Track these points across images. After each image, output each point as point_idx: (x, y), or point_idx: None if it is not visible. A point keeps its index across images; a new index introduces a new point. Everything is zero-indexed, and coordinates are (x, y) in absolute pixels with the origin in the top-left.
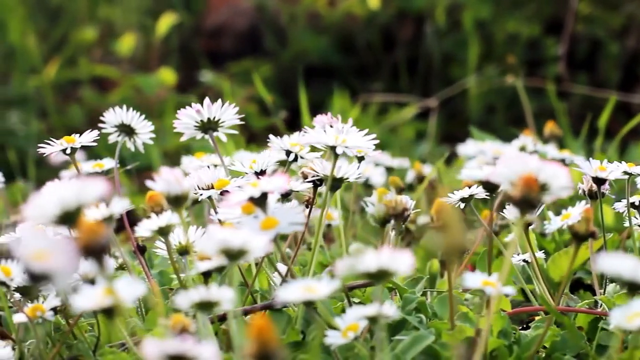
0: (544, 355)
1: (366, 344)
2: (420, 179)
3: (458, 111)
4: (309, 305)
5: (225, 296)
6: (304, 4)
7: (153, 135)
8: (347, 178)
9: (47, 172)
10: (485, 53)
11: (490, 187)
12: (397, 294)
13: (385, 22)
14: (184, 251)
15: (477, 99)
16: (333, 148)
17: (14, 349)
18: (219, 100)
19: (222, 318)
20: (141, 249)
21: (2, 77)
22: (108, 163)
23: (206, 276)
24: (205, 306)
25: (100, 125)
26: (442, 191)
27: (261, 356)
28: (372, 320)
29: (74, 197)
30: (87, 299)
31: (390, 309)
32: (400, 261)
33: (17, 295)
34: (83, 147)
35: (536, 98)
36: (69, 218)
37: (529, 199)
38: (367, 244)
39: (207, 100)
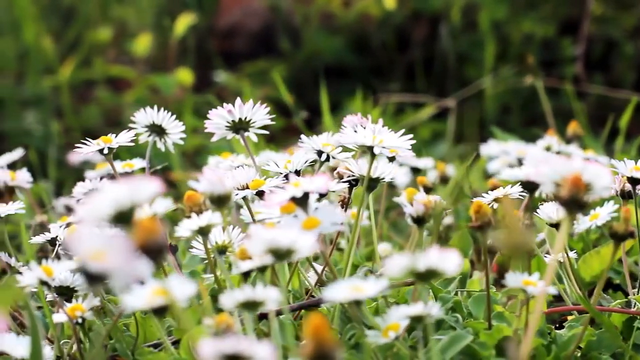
0: (579, 354)
1: (405, 344)
2: (443, 179)
3: (473, 111)
4: (357, 304)
5: (270, 296)
6: (318, 4)
7: (184, 135)
8: (383, 178)
9: (65, 172)
10: (500, 53)
11: (531, 187)
12: (431, 293)
13: (399, 22)
14: (222, 251)
15: (493, 99)
16: (371, 148)
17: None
18: (239, 100)
19: (262, 317)
20: (173, 249)
21: (18, 77)
22: (138, 163)
23: (245, 276)
24: (251, 306)
25: (131, 125)
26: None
27: (318, 356)
28: (416, 319)
29: (128, 197)
30: (139, 298)
31: (434, 309)
32: (448, 261)
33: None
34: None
35: (552, 98)
36: (123, 218)
37: (577, 199)
38: (393, 245)
39: (238, 100)
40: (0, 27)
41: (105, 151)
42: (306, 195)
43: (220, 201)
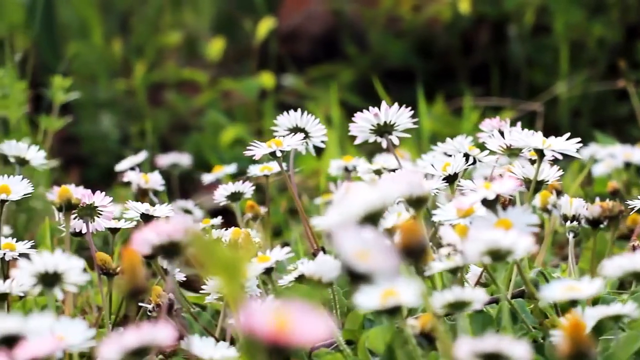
0: None
1: None
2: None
3: (540, 115)
4: (573, 304)
5: (477, 296)
6: (384, 7)
7: (326, 139)
8: (547, 181)
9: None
10: (571, 57)
11: None
12: None
13: (466, 25)
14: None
15: (564, 104)
16: (540, 151)
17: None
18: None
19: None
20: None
21: (90, 80)
22: (276, 166)
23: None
24: (459, 306)
25: (273, 128)
26: None
27: (576, 356)
28: (615, 319)
29: (379, 198)
30: (370, 299)
31: (630, 308)
32: None
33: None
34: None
35: (622, 103)
36: (372, 219)
37: None
38: None
39: (384, 103)
40: (69, 31)
41: (278, 154)
42: (497, 198)
43: (418, 203)
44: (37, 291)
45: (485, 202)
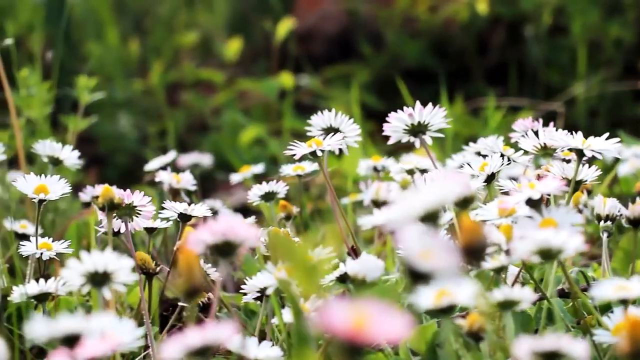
0: None
1: None
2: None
3: (561, 115)
4: (624, 303)
5: (525, 295)
6: (399, 7)
7: (359, 139)
8: (585, 180)
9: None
10: (588, 58)
11: None
12: None
13: (482, 26)
14: None
15: (582, 104)
16: (579, 151)
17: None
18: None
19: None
20: None
21: (106, 80)
22: (309, 166)
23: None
24: (507, 305)
25: (307, 128)
26: None
27: (637, 354)
28: None
29: (438, 197)
30: (426, 299)
31: None
32: None
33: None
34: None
35: (639, 103)
36: (431, 217)
37: None
38: None
39: (418, 103)
40: (84, 31)
41: (319, 153)
42: (540, 198)
43: (465, 202)
44: (85, 290)
45: (530, 202)
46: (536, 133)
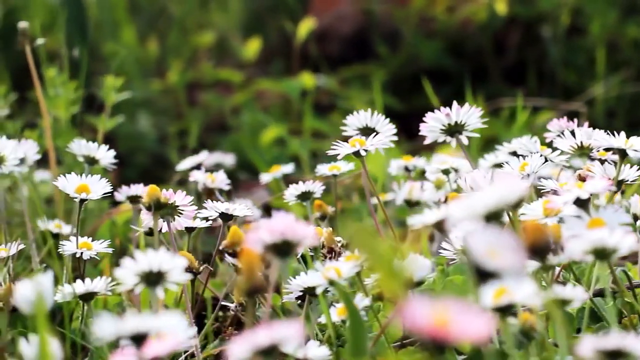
0: None
1: None
2: None
3: (583, 115)
4: None
5: (577, 294)
6: (415, 8)
7: (395, 138)
8: (627, 181)
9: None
10: (606, 58)
11: None
12: None
13: (500, 26)
14: None
15: (600, 104)
16: (622, 151)
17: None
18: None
19: None
20: None
21: (125, 81)
22: (346, 166)
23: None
24: (560, 304)
25: (342, 128)
26: None
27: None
28: None
29: (501, 196)
30: (486, 297)
31: None
32: None
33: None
34: None
35: None
36: (494, 217)
37: None
38: None
39: (455, 103)
40: (101, 31)
41: (362, 153)
42: (589, 197)
43: (516, 205)
44: (140, 290)
45: (577, 202)
46: (572, 133)
